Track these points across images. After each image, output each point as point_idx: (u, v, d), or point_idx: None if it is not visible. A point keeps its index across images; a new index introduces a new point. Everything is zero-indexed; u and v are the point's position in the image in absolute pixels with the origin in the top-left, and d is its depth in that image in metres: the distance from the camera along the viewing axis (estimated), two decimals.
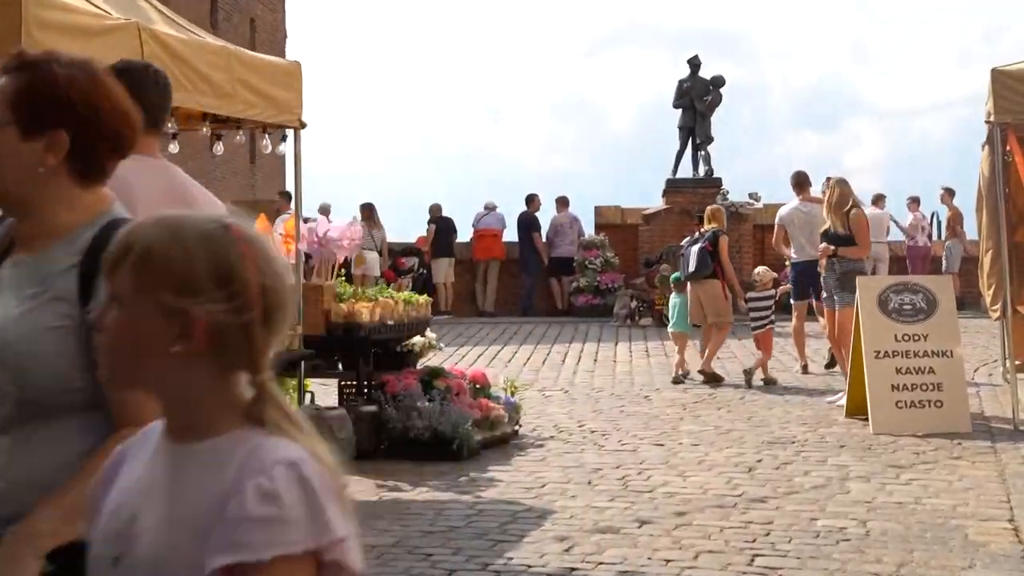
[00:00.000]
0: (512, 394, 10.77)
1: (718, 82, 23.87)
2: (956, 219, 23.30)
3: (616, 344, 18.07)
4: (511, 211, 23.93)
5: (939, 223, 24.34)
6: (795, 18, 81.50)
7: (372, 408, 9.76)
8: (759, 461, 9.35)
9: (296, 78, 9.36)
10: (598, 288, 22.69)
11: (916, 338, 10.72)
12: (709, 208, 15.07)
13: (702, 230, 14.37)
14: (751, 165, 69.49)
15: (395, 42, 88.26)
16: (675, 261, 21.05)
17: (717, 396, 12.88)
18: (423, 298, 10.47)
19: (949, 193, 23.49)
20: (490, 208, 23.88)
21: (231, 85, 8.36)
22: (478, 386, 10.45)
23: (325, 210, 22.35)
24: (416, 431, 9.53)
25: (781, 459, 9.42)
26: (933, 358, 10.63)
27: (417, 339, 10.72)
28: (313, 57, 76.77)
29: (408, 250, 23.00)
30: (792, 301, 14.09)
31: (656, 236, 23.45)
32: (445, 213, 23.71)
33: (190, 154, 29.74)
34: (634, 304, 21.32)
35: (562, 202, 23.82)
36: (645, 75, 79.79)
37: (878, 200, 22.74)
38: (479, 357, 16.86)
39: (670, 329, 14.87)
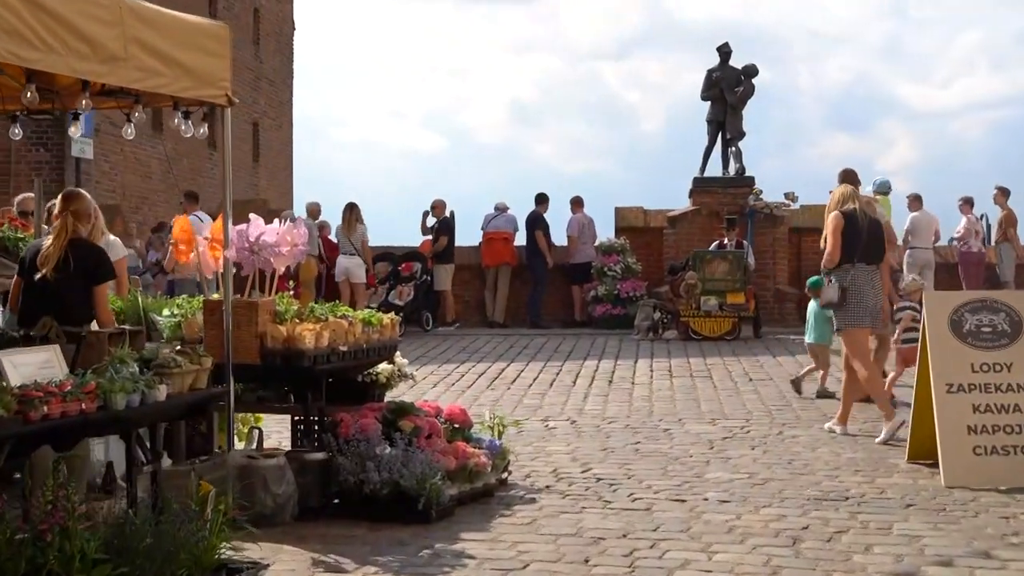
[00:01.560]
0: (499, 435, 8.82)
1: (750, 71, 21.86)
2: (1009, 221, 21.31)
3: (636, 362, 16.09)
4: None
5: (988, 226, 22.33)
6: (827, 19, 79.35)
7: (320, 455, 7.83)
8: (805, 528, 7.35)
9: (222, 43, 7.43)
10: (618, 297, 20.71)
11: (998, 368, 8.70)
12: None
13: None
14: (782, 168, 67.52)
15: (418, 39, 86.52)
16: (703, 268, 19.12)
17: (751, 431, 10.89)
18: (388, 317, 8.51)
19: (1003, 193, 21.47)
20: (501, 209, 21.91)
21: (122, 46, 6.45)
22: (456, 426, 8.50)
23: (314, 211, 20.51)
24: (372, 486, 7.59)
25: (833, 525, 7.41)
26: (1020, 393, 8.61)
27: (383, 367, 8.78)
28: (328, 54, 75.17)
29: (412, 254, 21.07)
30: None
31: (682, 240, 21.47)
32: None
33: (185, 151, 28.03)
34: (657, 315, 19.35)
35: (576, 203, 21.85)
36: (675, 77, 77.85)
37: (914, 202, 20.67)
38: (480, 376, 14.93)
39: (807, 341, 13.14)
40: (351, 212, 19.88)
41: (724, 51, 21.96)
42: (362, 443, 7.77)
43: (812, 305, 12.98)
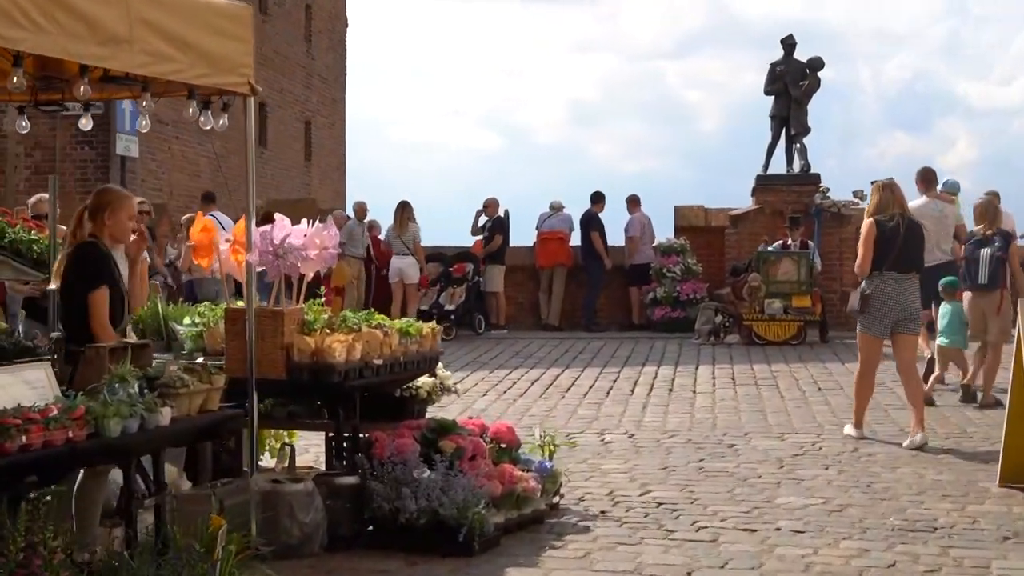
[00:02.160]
0: (550, 455, 8.07)
1: (815, 65, 20.96)
2: None
3: (697, 368, 15.30)
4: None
5: None
6: (887, 17, 78.01)
7: (351, 480, 7.12)
8: (891, 566, 6.54)
9: (243, 24, 6.71)
10: (678, 299, 19.90)
11: None
12: (982, 200, 12.65)
13: (987, 232, 11.95)
14: (841, 167, 66.32)
15: (477, 38, 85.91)
16: (767, 269, 18.29)
17: (823, 448, 10.07)
18: (429, 327, 7.77)
19: None
20: (556, 208, 21.15)
21: (127, 27, 5.76)
22: (502, 446, 7.76)
23: (361, 211, 19.84)
24: (408, 514, 6.86)
25: (923, 562, 6.61)
26: None
27: (424, 380, 8.06)
28: (383, 52, 74.72)
29: (464, 255, 20.34)
30: None
31: (744, 240, 20.63)
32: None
33: (235, 149, 27.44)
34: (719, 319, 18.53)
35: (633, 201, 21.05)
36: (735, 75, 76.86)
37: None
38: (533, 384, 14.20)
39: (941, 342, 12.43)
40: (403, 211, 19.17)
41: (788, 43, 21.07)
42: (398, 466, 7.06)
43: (945, 307, 12.40)
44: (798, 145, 20.91)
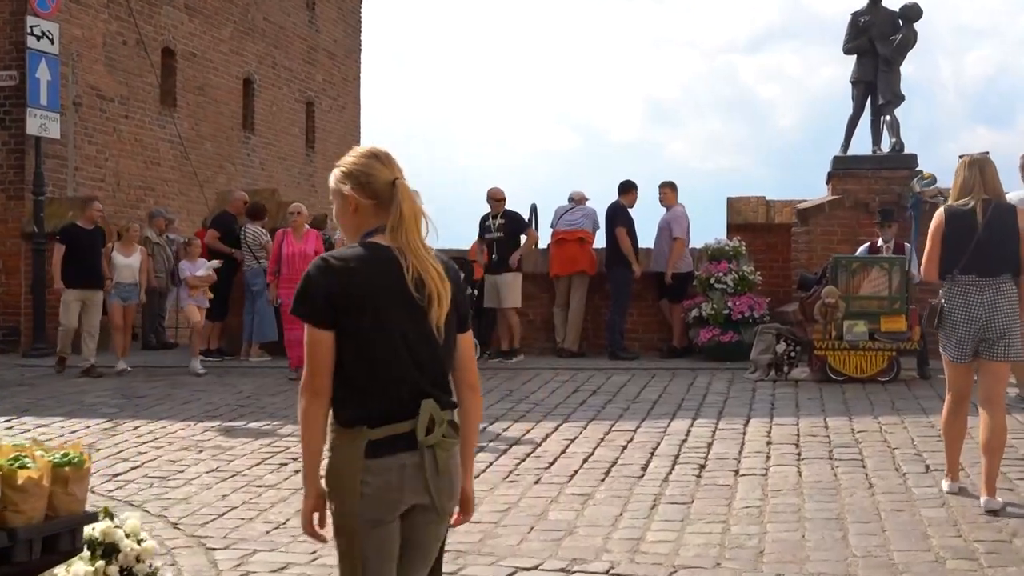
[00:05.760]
0: None
1: (910, 14, 16.23)
2: None
3: (746, 424, 10.79)
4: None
5: None
6: (969, 11, 73.22)
7: None
8: None
9: None
10: (729, 319, 15.28)
11: None
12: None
13: None
14: (922, 163, 61.62)
15: (551, 29, 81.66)
16: (847, 280, 13.67)
17: None
18: (30, 473, 3.24)
19: None
20: (576, 200, 16.66)
21: None
22: None
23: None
24: None
25: None
26: None
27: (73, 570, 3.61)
28: (436, 41, 70.72)
29: (455, 260, 15.81)
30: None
31: (817, 242, 15.93)
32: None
33: (208, 133, 23.01)
34: (782, 346, 13.85)
35: (670, 189, 16.38)
36: (811, 70, 72.27)
37: None
38: (502, 454, 9.79)
39: None
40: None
41: None
42: None
43: None
44: (887, 118, 16.20)
